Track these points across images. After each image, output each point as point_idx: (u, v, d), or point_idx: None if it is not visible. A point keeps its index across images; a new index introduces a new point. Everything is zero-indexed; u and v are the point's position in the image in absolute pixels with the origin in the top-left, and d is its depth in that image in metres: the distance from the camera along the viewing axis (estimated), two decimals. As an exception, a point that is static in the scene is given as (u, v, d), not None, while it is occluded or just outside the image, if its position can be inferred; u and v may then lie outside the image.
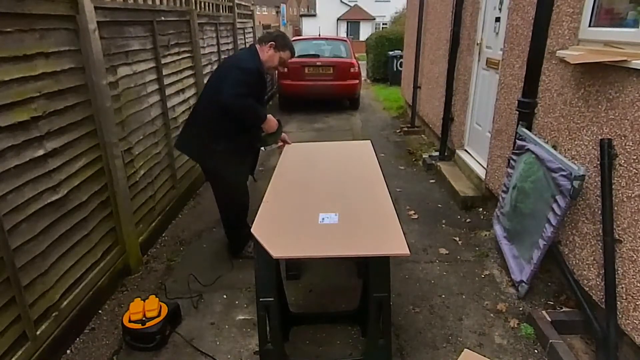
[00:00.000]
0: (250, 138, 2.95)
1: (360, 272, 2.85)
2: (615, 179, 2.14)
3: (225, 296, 2.76)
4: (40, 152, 2.09)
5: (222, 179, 2.94)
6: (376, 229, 1.91)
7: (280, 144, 3.03)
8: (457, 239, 3.42)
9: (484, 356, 1.87)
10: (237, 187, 3.00)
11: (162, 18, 3.57)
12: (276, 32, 3.00)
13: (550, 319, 2.34)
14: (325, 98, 8.69)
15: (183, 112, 4.04)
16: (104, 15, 2.66)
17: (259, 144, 2.99)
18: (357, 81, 8.52)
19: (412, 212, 3.91)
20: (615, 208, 2.13)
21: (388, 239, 1.82)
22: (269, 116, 2.84)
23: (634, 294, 2.01)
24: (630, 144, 2.04)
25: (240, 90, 2.57)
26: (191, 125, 2.93)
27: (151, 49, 3.36)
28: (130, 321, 2.30)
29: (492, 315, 2.54)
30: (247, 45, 4.37)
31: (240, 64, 2.72)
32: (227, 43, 5.99)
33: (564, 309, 2.47)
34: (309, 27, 33.77)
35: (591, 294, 2.31)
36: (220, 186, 3.02)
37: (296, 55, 9.53)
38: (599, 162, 2.22)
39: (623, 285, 2.07)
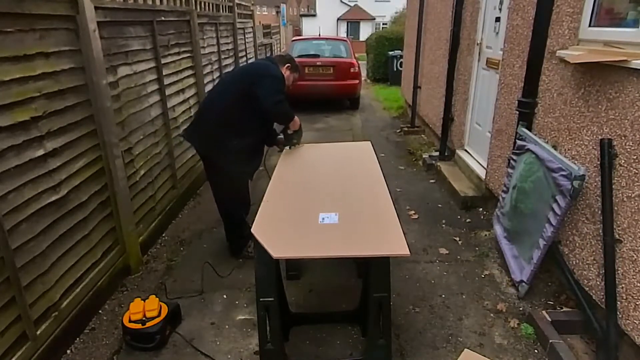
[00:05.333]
0: (264, 137, 3.09)
1: (360, 272, 2.85)
2: (615, 179, 2.14)
3: (225, 296, 2.76)
4: (41, 152, 2.09)
5: (229, 175, 2.95)
6: (376, 229, 1.91)
7: (301, 143, 3.16)
8: (457, 239, 3.42)
9: (484, 356, 1.87)
10: (240, 185, 3.06)
11: (162, 18, 3.57)
12: (287, 55, 3.24)
13: (550, 319, 2.34)
14: (325, 98, 8.69)
15: (183, 112, 4.04)
16: (104, 15, 2.66)
17: (285, 144, 3.12)
18: (357, 81, 8.52)
19: (412, 212, 3.91)
20: (616, 208, 2.13)
21: (388, 239, 1.82)
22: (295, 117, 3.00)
23: (634, 294, 2.01)
24: (630, 144, 2.04)
25: (279, 97, 2.76)
26: (206, 121, 2.94)
27: (151, 49, 3.36)
28: (130, 321, 2.30)
29: (492, 315, 2.54)
30: (264, 56, 4.46)
31: (272, 72, 2.87)
32: (227, 43, 5.99)
33: (564, 309, 2.47)
34: (309, 27, 33.75)
35: (591, 294, 2.31)
36: (225, 183, 3.03)
37: (296, 55, 9.50)
38: (599, 162, 2.22)
39: (623, 285, 2.07)
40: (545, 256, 2.53)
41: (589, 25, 2.45)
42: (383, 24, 30.68)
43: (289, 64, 3.07)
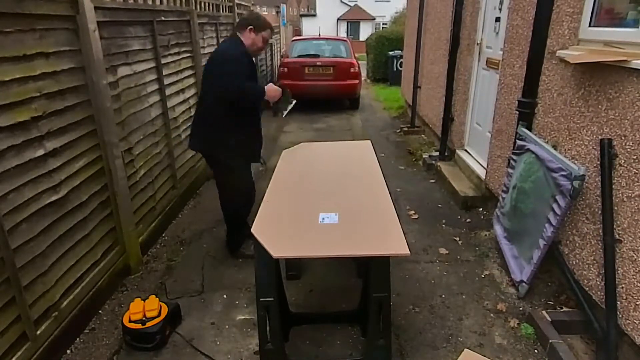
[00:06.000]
0: (257, 120, 3.05)
1: (360, 272, 2.85)
2: (615, 179, 2.14)
3: (225, 296, 2.76)
4: (41, 152, 2.09)
5: (232, 171, 2.98)
6: (376, 229, 1.91)
7: (294, 101, 3.03)
8: (457, 239, 3.42)
9: (484, 356, 1.87)
10: (243, 175, 3.07)
11: (162, 18, 3.57)
12: (250, 14, 3.02)
13: (550, 319, 2.34)
14: (325, 98, 8.69)
15: (183, 112, 4.04)
16: (104, 15, 2.65)
17: (276, 114, 3.07)
18: (357, 81, 8.51)
19: (412, 212, 3.91)
20: (615, 208, 2.13)
21: (388, 239, 1.82)
22: (268, 86, 2.86)
23: (634, 294, 2.01)
24: (630, 144, 2.04)
25: (236, 83, 2.69)
26: (199, 123, 2.97)
27: (151, 49, 3.36)
28: (130, 321, 2.30)
29: (492, 315, 2.53)
30: (228, 35, 4.30)
31: (226, 56, 2.81)
32: (227, 43, 5.97)
33: (564, 309, 2.47)
34: (309, 27, 33.73)
35: (591, 294, 2.31)
36: (229, 179, 3.04)
37: (296, 55, 9.47)
38: (599, 162, 2.22)
39: (623, 285, 2.07)
40: (545, 256, 2.53)
41: (589, 25, 2.45)
42: (383, 24, 30.68)
43: (251, 26, 2.85)
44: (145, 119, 3.24)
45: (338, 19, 35.79)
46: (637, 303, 1.98)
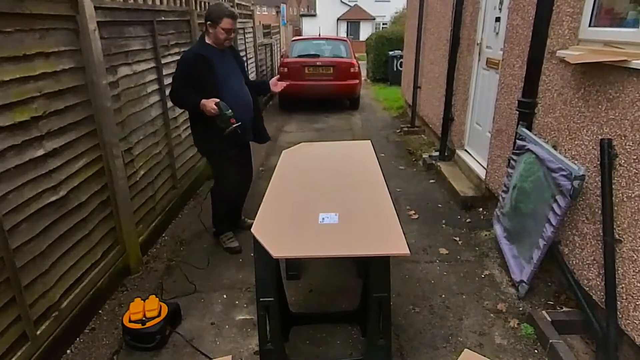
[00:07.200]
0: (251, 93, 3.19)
1: (360, 272, 2.85)
2: (615, 179, 2.14)
3: (225, 296, 2.76)
4: (41, 152, 2.09)
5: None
6: (376, 229, 1.91)
7: (235, 124, 2.78)
8: (457, 239, 3.42)
9: (484, 356, 1.87)
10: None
11: (162, 18, 3.57)
12: (210, 7, 2.90)
13: (550, 319, 2.34)
14: (325, 98, 8.69)
15: (183, 111, 4.03)
16: (104, 15, 2.66)
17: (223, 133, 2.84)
18: (357, 81, 8.51)
19: (412, 212, 3.91)
20: (615, 208, 2.13)
21: (388, 238, 1.82)
22: (203, 102, 2.75)
23: (634, 294, 2.01)
24: (630, 144, 2.04)
25: (173, 85, 2.89)
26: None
27: (151, 49, 3.36)
28: (130, 321, 2.30)
29: (492, 315, 2.53)
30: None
31: (180, 58, 2.96)
32: (227, 43, 5.98)
33: (564, 309, 2.47)
34: (309, 27, 33.73)
35: (591, 294, 2.31)
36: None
37: (296, 55, 9.44)
38: (599, 162, 2.22)
39: (623, 285, 2.07)
40: (545, 256, 2.53)
41: (589, 25, 2.45)
42: (383, 24, 30.70)
43: (208, 22, 2.82)
44: (145, 119, 3.25)
45: (338, 19, 35.80)
46: (637, 303, 1.98)
